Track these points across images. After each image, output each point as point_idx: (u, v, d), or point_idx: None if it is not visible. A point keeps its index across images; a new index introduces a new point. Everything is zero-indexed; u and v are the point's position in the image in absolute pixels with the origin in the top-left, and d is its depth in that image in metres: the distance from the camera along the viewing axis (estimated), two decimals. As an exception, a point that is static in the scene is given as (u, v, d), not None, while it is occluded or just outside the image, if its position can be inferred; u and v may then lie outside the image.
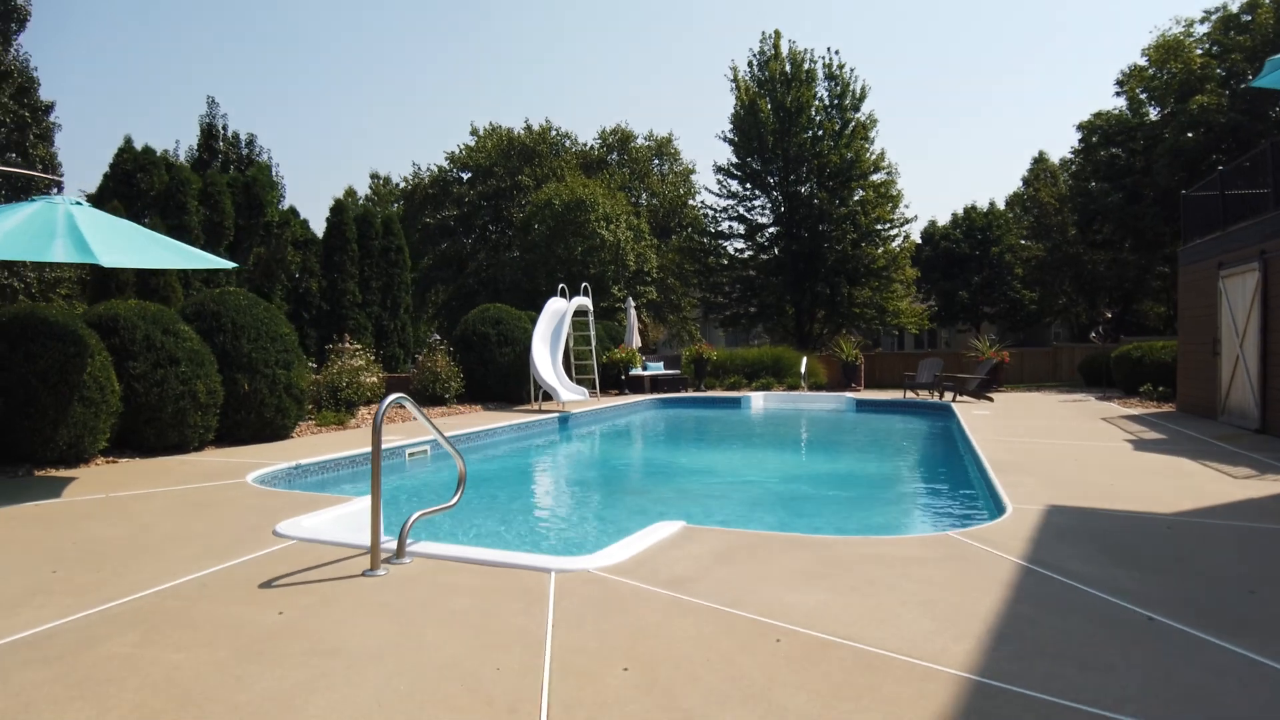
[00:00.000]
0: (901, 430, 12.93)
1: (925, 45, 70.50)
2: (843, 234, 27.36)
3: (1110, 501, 5.36)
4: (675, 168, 39.85)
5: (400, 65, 72.67)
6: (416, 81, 73.57)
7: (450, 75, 72.56)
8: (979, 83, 72.14)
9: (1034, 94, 71.88)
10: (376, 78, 73.51)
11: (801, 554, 4.07)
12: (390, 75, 73.18)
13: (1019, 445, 8.49)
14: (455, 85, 72.57)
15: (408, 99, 74.55)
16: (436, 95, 73.59)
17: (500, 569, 3.91)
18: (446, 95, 72.98)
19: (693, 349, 21.00)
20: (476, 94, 71.17)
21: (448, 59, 71.82)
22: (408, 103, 74.64)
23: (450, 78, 72.84)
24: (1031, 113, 71.80)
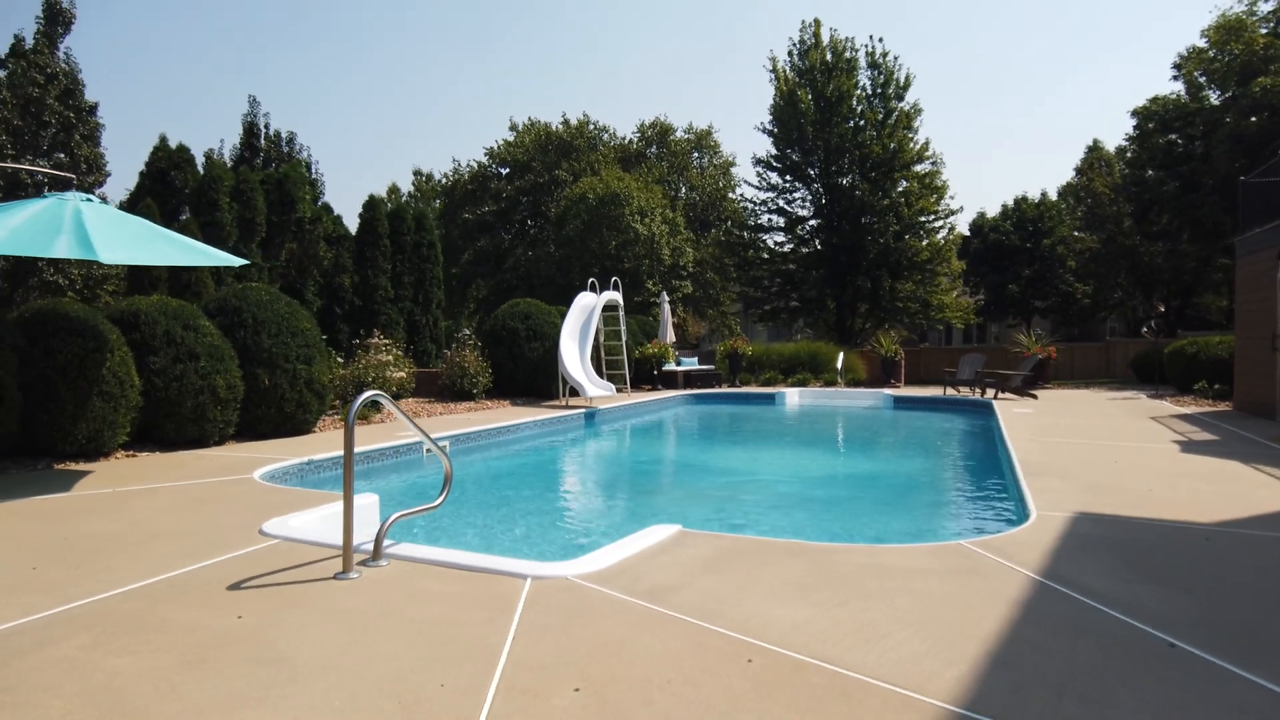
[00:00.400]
0: (937, 429, 12.46)
1: (973, 31, 68.51)
2: (885, 226, 26.65)
3: (1146, 509, 4.96)
4: (715, 160, 39.43)
5: (442, 62, 73.46)
6: (459, 78, 74.30)
7: (492, 71, 73.12)
8: (1030, 69, 69.86)
9: (1087, 80, 69.32)
10: (419, 75, 74.45)
11: (796, 563, 3.81)
12: (433, 72, 74.05)
13: (1056, 446, 8.04)
14: (497, 81, 73.11)
15: (450, 96, 75.36)
16: (478, 92, 74.22)
17: (477, 574, 3.74)
18: (488, 92, 73.57)
19: (727, 344, 20.69)
20: (518, 90, 71.59)
21: (489, 55, 72.35)
22: (450, 99, 75.45)
23: (492, 74, 73.39)
24: (1084, 100, 69.28)
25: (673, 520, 5.80)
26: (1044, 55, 69.87)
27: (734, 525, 5.93)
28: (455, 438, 9.71)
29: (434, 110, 76.09)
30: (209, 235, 12.80)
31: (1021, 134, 72.88)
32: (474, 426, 10.38)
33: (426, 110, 76.63)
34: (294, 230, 14.58)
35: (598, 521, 6.24)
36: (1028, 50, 70.06)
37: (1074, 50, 68.87)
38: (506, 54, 72.28)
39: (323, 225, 15.15)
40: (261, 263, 13.91)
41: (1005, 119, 71.95)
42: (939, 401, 15.27)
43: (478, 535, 5.66)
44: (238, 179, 13.59)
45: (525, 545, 5.42)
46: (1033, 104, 71.44)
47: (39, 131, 15.91)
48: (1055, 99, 70.91)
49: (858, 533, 5.60)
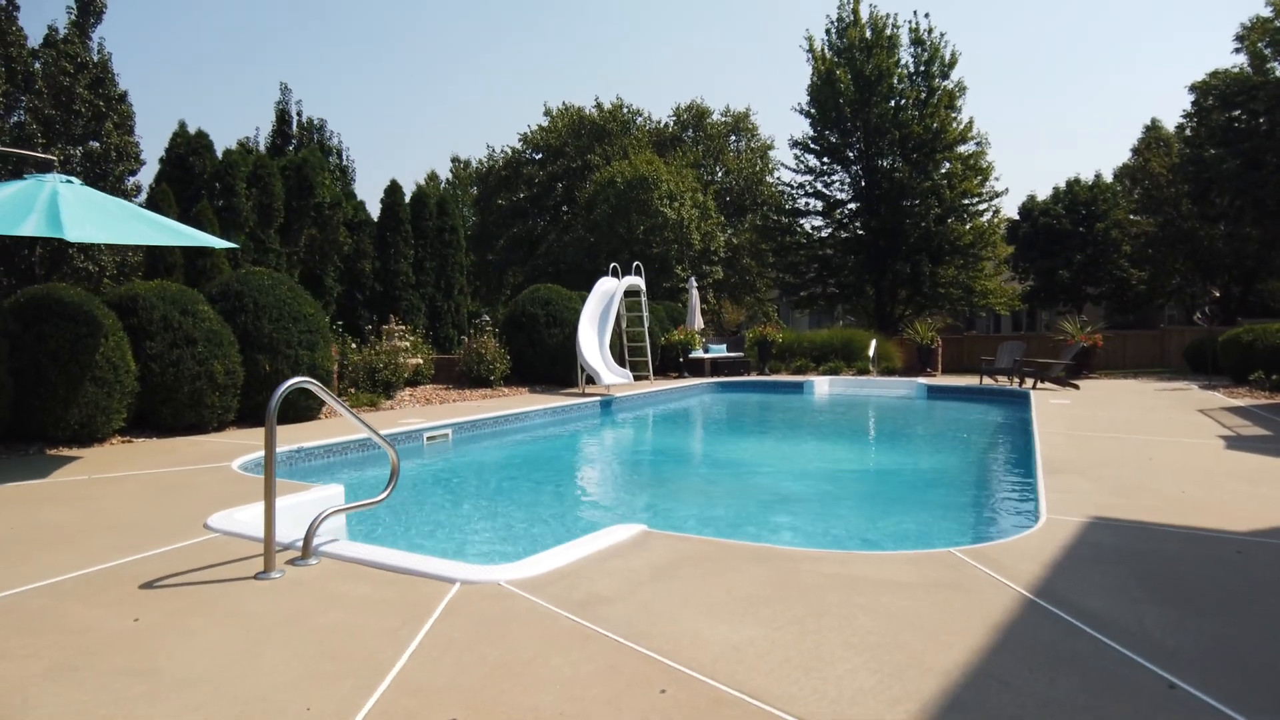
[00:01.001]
0: (965, 421, 11.85)
1: (1024, 5, 65.80)
2: (926, 209, 25.67)
3: (1175, 513, 4.43)
4: (753, 144, 38.61)
5: (479, 47, 73.49)
6: (495, 63, 74.27)
7: (528, 56, 72.85)
8: (1085, 45, 66.89)
9: (1145, 56, 66.03)
10: (457, 62, 74.65)
11: (756, 572, 3.42)
12: (470, 58, 74.15)
13: (1088, 440, 7.44)
14: (533, 66, 72.82)
15: (487, 82, 75.40)
16: (516, 77, 74.06)
17: (405, 577, 3.44)
18: (525, 77, 73.32)
19: (756, 330, 20.16)
20: (554, 74, 71.26)
21: (526, 39, 72.07)
22: (487, 86, 75.50)
23: (528, 58, 73.13)
24: (1142, 77, 66.01)
25: (661, 515, 5.46)
26: (1100, 30, 66.85)
27: (724, 522, 5.56)
28: (458, 425, 9.48)
29: (472, 97, 76.30)
30: (225, 221, 12.80)
31: (1075, 114, 69.99)
32: (480, 414, 10.14)
33: (465, 97, 76.88)
34: (313, 216, 14.52)
35: (582, 516, 5.92)
36: (1083, 26, 67.12)
37: (1131, 24, 65.69)
38: (543, 37, 71.97)
39: (342, 210, 15.07)
40: (280, 248, 13.88)
41: (1058, 98, 69.16)
42: (974, 392, 14.57)
43: (444, 532, 5.39)
44: (255, 165, 13.55)
45: (502, 542, 5.12)
46: (1087, 81, 68.46)
47: (70, 120, 16.15)
48: (1111, 76, 67.80)
49: (850, 533, 5.17)
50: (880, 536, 5.09)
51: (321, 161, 14.83)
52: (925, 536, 5.04)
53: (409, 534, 5.30)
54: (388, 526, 5.43)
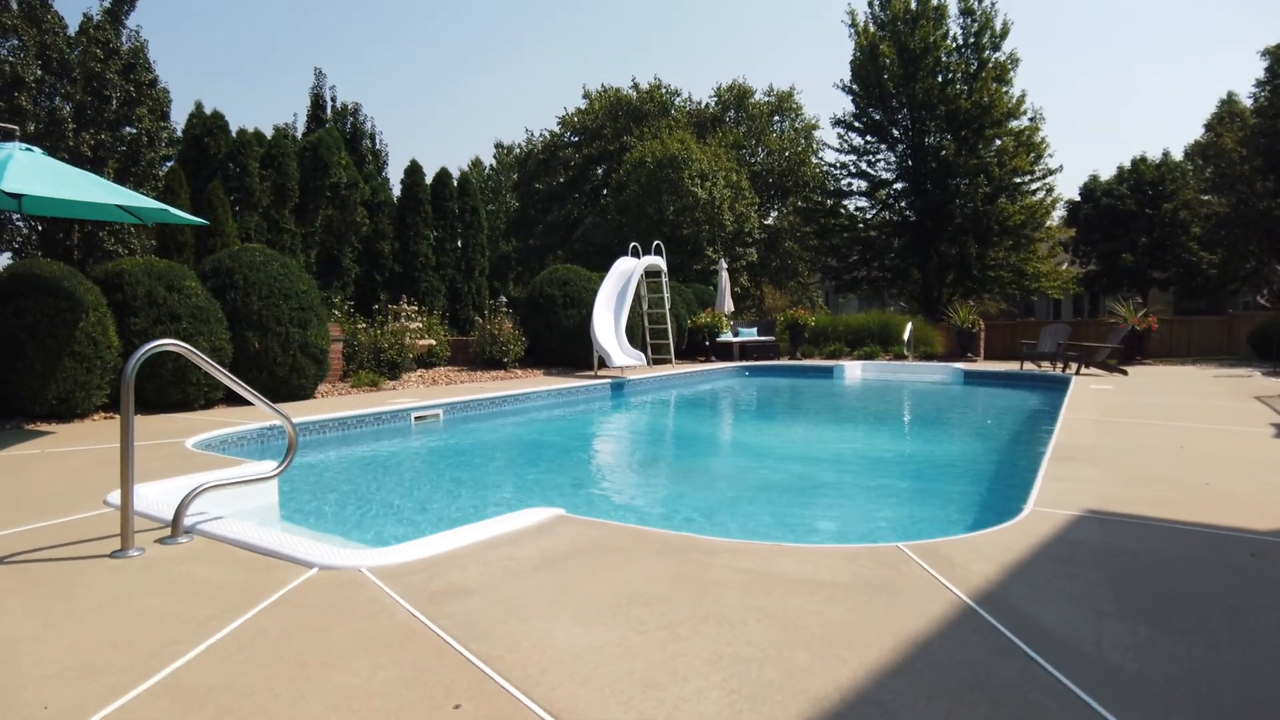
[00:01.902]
0: (994, 407, 11.07)
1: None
2: (974, 188, 24.44)
3: (1190, 508, 3.79)
4: (797, 124, 37.55)
5: (520, 29, 73.40)
6: (538, 46, 74.06)
7: (569, 37, 72.41)
8: (1153, 14, 63.22)
9: (1218, 25, 62.03)
10: (498, 46, 74.74)
11: (660, 565, 2.96)
12: (511, 41, 74.15)
13: (1117, 426, 6.70)
14: (576, 48, 72.37)
15: (531, 65, 75.29)
16: (559, 59, 73.72)
17: (268, 559, 3.09)
18: (568, 59, 72.92)
19: (788, 314, 19.47)
20: (596, 56, 70.72)
21: (567, 20, 71.64)
22: (531, 69, 75.40)
23: (570, 40, 72.68)
24: (1216, 48, 62.07)
25: (626, 502, 5.03)
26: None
27: (696, 509, 5.09)
28: (451, 405, 9.18)
29: (516, 81, 76.30)
30: (239, 201, 12.76)
31: (1143, 88, 66.31)
32: (477, 395, 9.83)
33: (509, 82, 76.92)
34: (329, 196, 14.41)
35: (538, 501, 5.50)
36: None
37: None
38: (586, 17, 71.46)
39: (359, 191, 14.94)
40: (295, 228, 13.81)
41: (1124, 70, 65.62)
42: (1012, 377, 13.68)
43: (378, 515, 5.04)
44: (269, 145, 13.48)
45: (434, 527, 4.74)
46: (1156, 53, 64.73)
47: (102, 106, 16.40)
48: (1183, 46, 63.94)
49: (814, 523, 4.63)
50: (844, 527, 4.55)
51: (338, 141, 14.70)
52: (894, 527, 4.47)
53: (341, 514, 4.98)
54: (320, 506, 5.12)
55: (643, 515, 4.97)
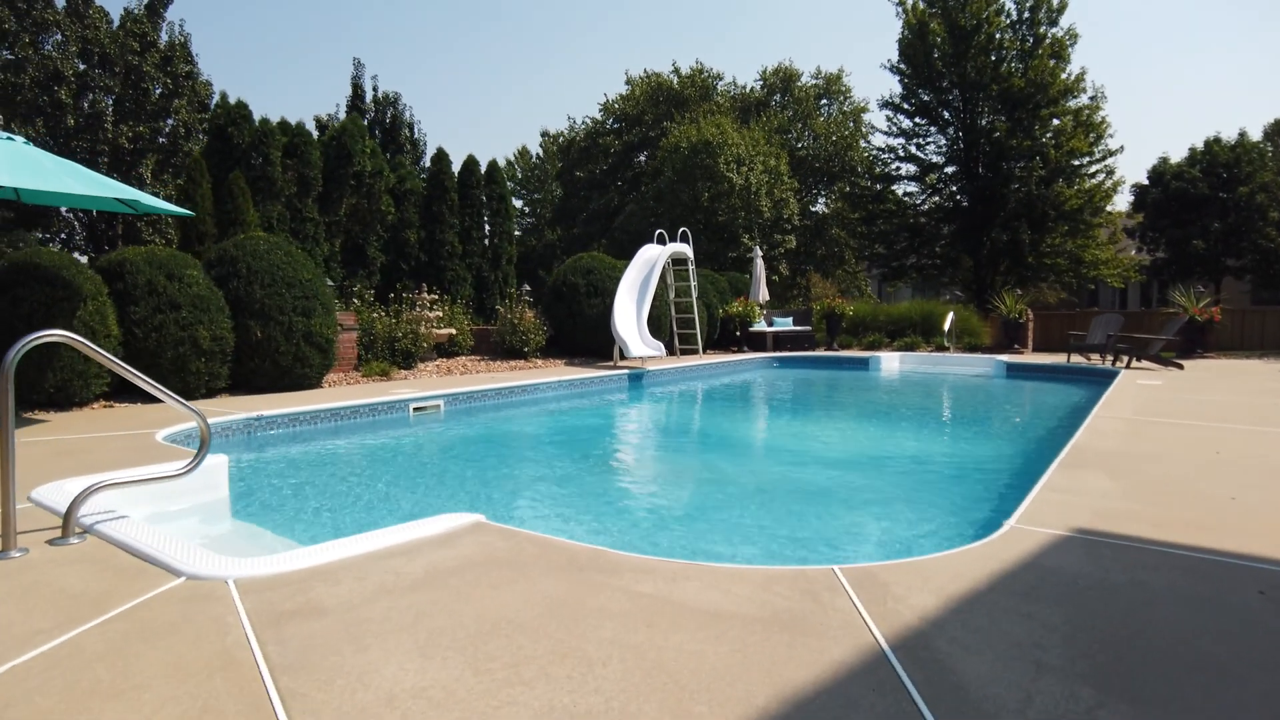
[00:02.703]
0: (1033, 403, 10.38)
1: (1174, -53, 58.96)
2: (1029, 171, 23.21)
3: (1201, 529, 3.27)
4: (845, 107, 36.42)
5: (566, 15, 73.15)
6: (585, 32, 73.71)
7: (614, 22, 71.78)
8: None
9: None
10: (543, 32, 74.68)
11: (547, 586, 2.62)
12: (556, 27, 73.99)
13: (1151, 428, 6.07)
14: (619, 32, 71.69)
15: (577, 52, 75.00)
16: (603, 46, 73.19)
17: (143, 565, 2.87)
18: (611, 45, 72.29)
19: (824, 303, 18.82)
20: (640, 41, 69.98)
21: (614, 5, 71.03)
22: (578, 57, 75.12)
23: (614, 24, 72.03)
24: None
25: (598, 506, 4.73)
26: (1263, -32, 59.00)
27: (662, 515, 4.74)
28: (454, 396, 8.99)
29: (561, 69, 76.11)
30: (260, 190, 12.81)
31: (1217, 64, 62.44)
32: (485, 385, 9.62)
33: (554, 69, 76.78)
34: (353, 184, 14.40)
35: (502, 501, 5.22)
36: (1242, -36, 59.45)
37: (1304, -41, 57.56)
38: (631, 6, 70.74)
39: (384, 179, 14.90)
40: (319, 217, 13.84)
41: (1197, 46, 61.87)
42: (1058, 370, 12.87)
43: (329, 516, 4.82)
44: (292, 134, 13.51)
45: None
46: (1231, 26, 60.78)
47: (140, 98, 16.74)
48: (1260, 20, 59.82)
49: (765, 536, 4.22)
50: (807, 539, 4.12)
51: (362, 130, 14.67)
52: (858, 541, 4.03)
53: (297, 511, 4.77)
54: (281, 501, 4.92)
55: (606, 521, 4.64)
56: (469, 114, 77.68)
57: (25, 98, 14.88)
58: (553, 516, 4.71)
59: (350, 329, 11.33)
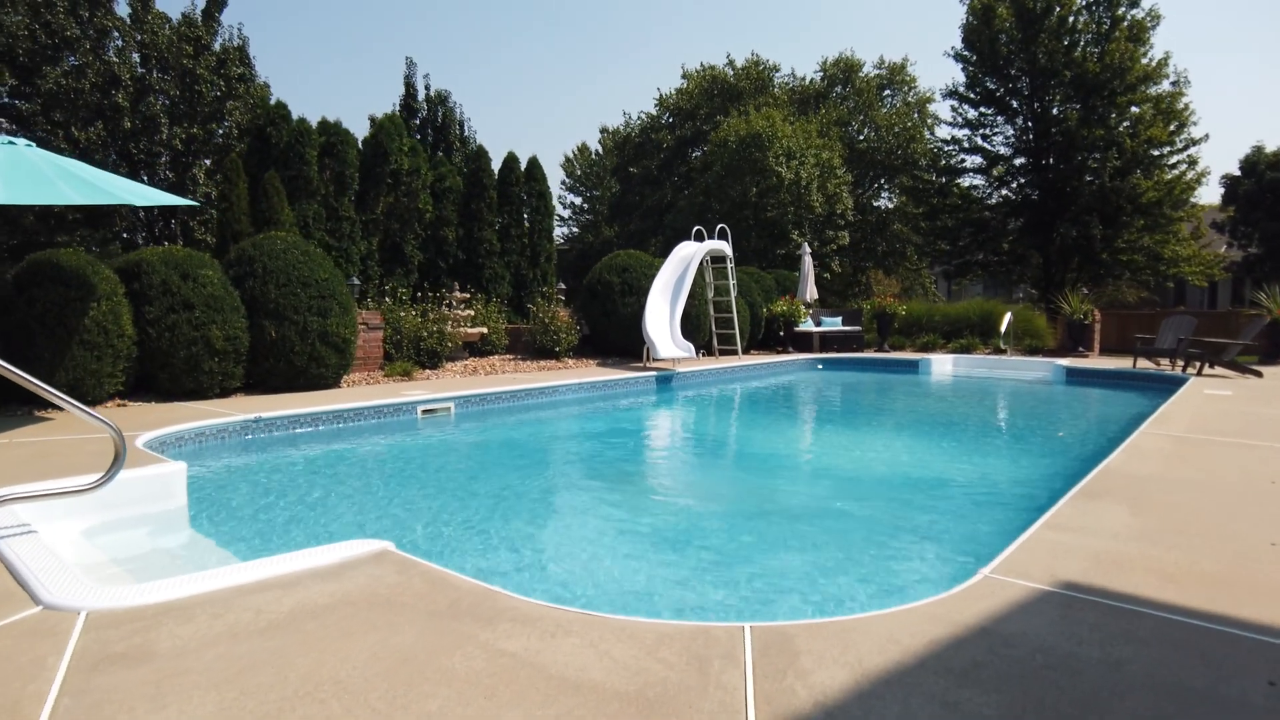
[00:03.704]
0: (1085, 414, 9.61)
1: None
2: (1104, 162, 21.76)
3: (1219, 587, 2.73)
4: (910, 98, 35.08)
5: (631, 12, 72.83)
6: (647, 27, 73.28)
7: (676, 16, 71.04)
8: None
9: None
10: (607, 28, 74.53)
11: (408, 635, 2.30)
12: (620, 24, 73.75)
13: (1202, 449, 5.38)
14: (682, 28, 70.87)
15: (639, 48, 74.65)
16: (665, 39, 72.51)
17: (13, 588, 2.68)
18: (673, 39, 71.53)
19: (875, 302, 18.06)
20: (701, 35, 69.05)
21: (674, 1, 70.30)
22: (639, 53, 74.74)
23: (676, 19, 71.28)
24: None
25: (571, 524, 4.41)
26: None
27: (632, 542, 4.39)
28: (468, 398, 8.80)
29: (621, 66, 75.82)
30: (295, 189, 12.95)
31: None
32: (502, 386, 9.42)
33: (614, 65, 76.57)
34: (389, 183, 14.45)
35: (460, 517, 4.95)
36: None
37: None
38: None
39: (422, 178, 14.91)
40: (355, 215, 13.93)
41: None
42: (1121, 377, 11.90)
43: (305, 524, 4.62)
44: (329, 134, 13.62)
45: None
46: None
47: (195, 101, 17.23)
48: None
49: (713, 577, 3.79)
50: (748, 579, 3.68)
51: (400, 128, 14.71)
52: (807, 585, 3.56)
53: (262, 522, 4.59)
54: (254, 511, 4.77)
55: (561, 549, 4.31)
56: (530, 112, 78.39)
57: (86, 101, 15.45)
58: (501, 546, 4.39)
59: (376, 328, 11.31)
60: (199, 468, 5.85)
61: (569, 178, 50.16)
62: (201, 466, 5.89)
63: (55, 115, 15.37)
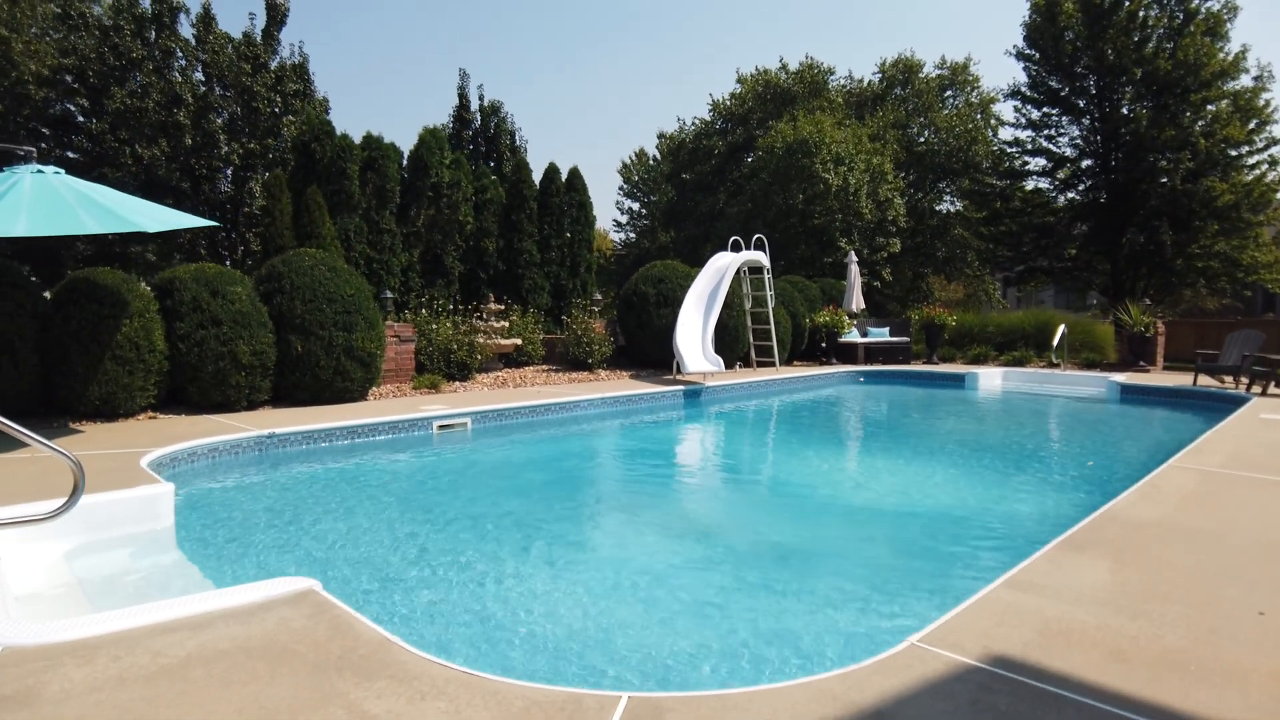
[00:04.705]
0: (1124, 438, 9.09)
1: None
2: (1177, 164, 20.56)
3: (1178, 668, 2.48)
4: (972, 98, 33.91)
5: (688, 17, 72.59)
6: (703, 34, 72.94)
7: (728, 17, 70.45)
8: None
9: None
10: (662, 28, 74.47)
11: (268, 692, 2.27)
12: (677, 29, 73.58)
13: (1231, 487, 4.97)
14: (741, 30, 70.23)
15: (697, 54, 74.35)
16: (723, 44, 72.04)
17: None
18: (733, 44, 70.94)
19: (923, 312, 17.49)
20: (754, 36, 68.25)
21: (731, 6, 69.77)
22: (697, 59, 74.45)
23: (728, 21, 70.67)
24: None
25: (539, 571, 4.35)
26: None
27: (598, 579, 4.31)
28: (482, 414, 8.86)
29: (679, 71, 75.63)
30: (337, 203, 13.30)
31: None
32: (518, 401, 9.45)
33: (673, 71, 76.44)
34: (430, 195, 14.72)
35: (442, 546, 4.94)
36: None
37: None
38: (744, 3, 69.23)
39: (462, 190, 15.14)
40: (396, 228, 14.23)
41: None
42: (1181, 395, 11.18)
43: (284, 552, 4.69)
44: (370, 149, 13.95)
45: (321, 568, 4.34)
46: None
47: (253, 118, 17.93)
48: None
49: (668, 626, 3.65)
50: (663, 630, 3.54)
51: (440, 142, 14.96)
52: (735, 648, 3.39)
53: (242, 551, 4.67)
54: (248, 534, 4.86)
55: (521, 592, 4.25)
56: (589, 119, 78.96)
57: (150, 120, 16.24)
58: (450, 583, 4.36)
59: (409, 340, 11.52)
60: (203, 485, 6.03)
61: (626, 183, 50.31)
62: (205, 484, 6.07)
63: (121, 133, 16.22)
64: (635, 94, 78.71)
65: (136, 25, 16.56)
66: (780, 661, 3.06)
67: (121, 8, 16.50)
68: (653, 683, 2.81)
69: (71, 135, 18.57)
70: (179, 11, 17.48)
